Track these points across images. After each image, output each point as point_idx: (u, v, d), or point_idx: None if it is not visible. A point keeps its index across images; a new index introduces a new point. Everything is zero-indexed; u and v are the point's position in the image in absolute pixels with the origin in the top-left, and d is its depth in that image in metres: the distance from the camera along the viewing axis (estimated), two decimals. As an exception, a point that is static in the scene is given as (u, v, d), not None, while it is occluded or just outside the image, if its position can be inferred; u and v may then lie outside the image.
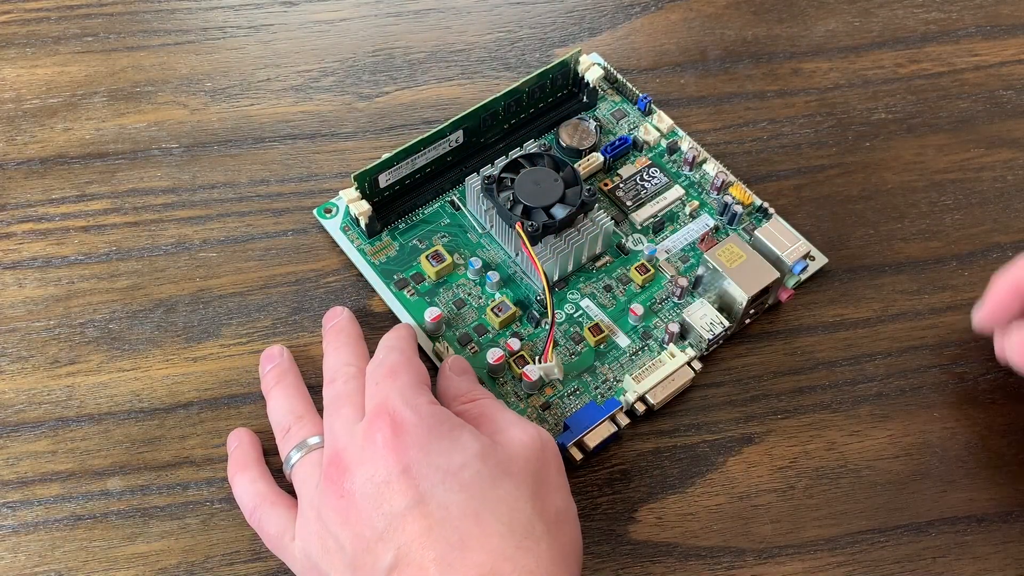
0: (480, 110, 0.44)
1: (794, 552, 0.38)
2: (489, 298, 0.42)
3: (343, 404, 0.35)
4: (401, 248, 0.44)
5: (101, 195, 0.45)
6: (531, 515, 0.31)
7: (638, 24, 0.53)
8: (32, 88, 0.49)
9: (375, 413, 0.33)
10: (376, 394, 0.34)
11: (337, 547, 0.32)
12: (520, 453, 0.33)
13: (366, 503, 0.31)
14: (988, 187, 0.47)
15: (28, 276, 0.43)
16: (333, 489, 0.32)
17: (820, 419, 0.41)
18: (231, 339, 0.42)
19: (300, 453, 0.35)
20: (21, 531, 0.37)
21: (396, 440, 0.32)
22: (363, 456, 0.32)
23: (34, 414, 0.39)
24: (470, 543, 0.30)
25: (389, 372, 0.35)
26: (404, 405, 0.33)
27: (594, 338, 0.41)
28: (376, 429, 0.33)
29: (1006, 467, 0.40)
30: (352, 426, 0.34)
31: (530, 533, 0.31)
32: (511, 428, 0.34)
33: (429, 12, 0.53)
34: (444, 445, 0.32)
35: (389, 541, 0.30)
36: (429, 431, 0.32)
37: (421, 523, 0.30)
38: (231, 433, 0.38)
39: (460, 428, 0.33)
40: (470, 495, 0.31)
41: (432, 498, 0.31)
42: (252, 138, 0.48)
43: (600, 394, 0.40)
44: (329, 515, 0.32)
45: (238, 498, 0.37)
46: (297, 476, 0.35)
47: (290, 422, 0.37)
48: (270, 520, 0.35)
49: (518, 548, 0.30)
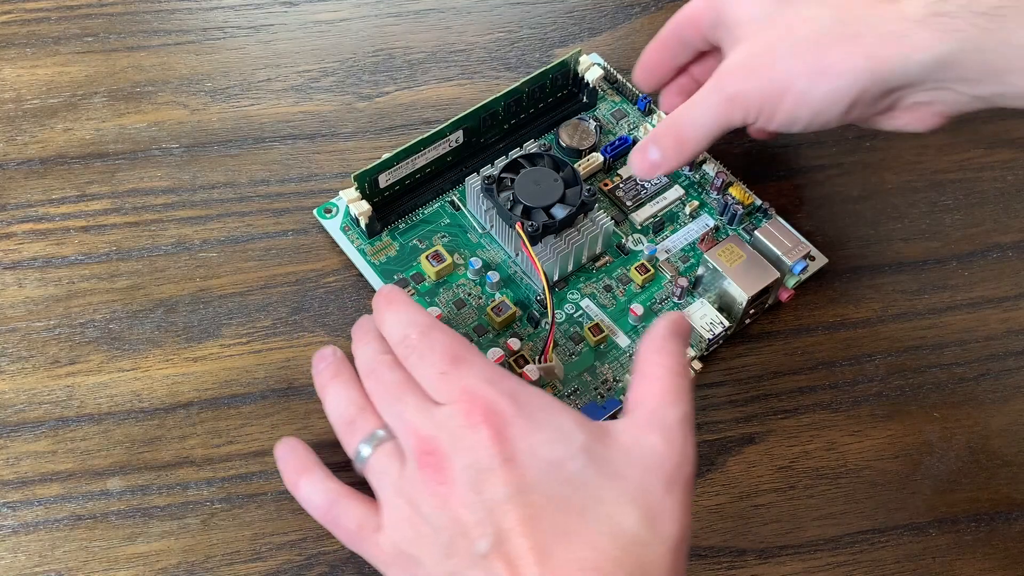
0: (480, 110, 0.44)
1: (794, 552, 0.38)
2: (489, 298, 0.42)
3: (402, 392, 0.34)
4: (401, 248, 0.44)
5: (101, 195, 0.45)
6: (638, 523, 0.30)
7: (638, 24, 0.53)
8: (32, 88, 0.49)
9: (465, 401, 0.32)
10: (451, 383, 0.33)
11: (432, 532, 0.31)
12: (638, 460, 0.31)
13: (466, 489, 0.30)
14: (988, 187, 0.47)
15: (28, 276, 0.43)
16: (431, 475, 0.31)
17: (820, 419, 0.41)
18: (231, 339, 0.42)
19: (371, 445, 0.34)
20: (21, 531, 0.37)
21: (495, 427, 0.31)
22: (459, 444, 0.31)
23: (34, 414, 0.40)
24: (573, 537, 0.29)
25: (451, 358, 0.34)
26: (494, 390, 0.32)
27: (594, 338, 0.41)
28: (471, 417, 0.31)
29: (1006, 467, 0.40)
30: (429, 413, 0.33)
31: (637, 540, 0.29)
32: (643, 432, 0.32)
33: (429, 12, 0.53)
34: (547, 435, 0.31)
35: (488, 526, 0.30)
36: (530, 418, 0.31)
37: (523, 511, 0.30)
38: (278, 443, 0.37)
39: (560, 413, 0.32)
40: (575, 489, 0.30)
41: (536, 488, 0.30)
42: (252, 138, 0.48)
43: (600, 394, 0.40)
44: (425, 500, 0.31)
45: (307, 500, 0.35)
46: (373, 468, 0.34)
47: (353, 413, 0.35)
48: (349, 514, 0.34)
49: (624, 551, 0.29)
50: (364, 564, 0.36)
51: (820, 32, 0.36)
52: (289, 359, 0.41)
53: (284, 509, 0.38)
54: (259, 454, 0.39)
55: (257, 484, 0.38)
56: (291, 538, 0.37)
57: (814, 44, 0.36)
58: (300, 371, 0.41)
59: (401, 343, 0.35)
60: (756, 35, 0.38)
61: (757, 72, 0.37)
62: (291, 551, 0.37)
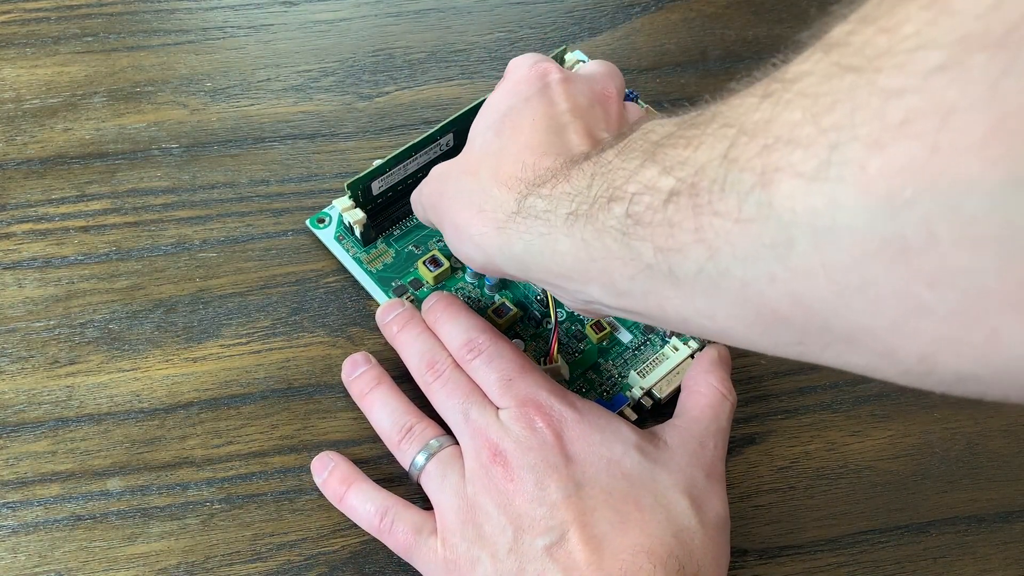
0: (469, 112, 0.43)
1: (794, 552, 0.38)
2: (489, 301, 0.42)
3: (469, 392, 0.36)
4: (397, 254, 0.44)
5: (101, 195, 0.45)
6: (688, 510, 0.33)
7: (638, 24, 0.53)
8: (32, 88, 0.49)
9: (529, 406, 0.35)
10: (515, 389, 0.36)
11: (497, 530, 0.33)
12: (682, 456, 0.35)
13: (531, 487, 0.33)
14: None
15: (28, 276, 0.43)
16: (500, 473, 0.34)
17: (821, 419, 0.41)
18: (231, 339, 0.42)
19: (426, 454, 0.36)
20: (21, 531, 0.37)
21: (556, 429, 0.34)
22: (524, 444, 0.34)
23: (34, 414, 0.39)
24: (629, 526, 0.32)
25: (518, 367, 0.37)
26: (554, 397, 0.35)
27: (596, 335, 0.41)
28: (535, 420, 0.35)
29: (1006, 467, 0.40)
30: (493, 416, 0.35)
31: (687, 527, 0.33)
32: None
33: (429, 12, 0.53)
34: (604, 436, 0.34)
35: (551, 519, 0.32)
36: (587, 421, 0.35)
37: (584, 504, 0.32)
38: (317, 459, 0.38)
39: (613, 418, 0.36)
40: (631, 483, 0.33)
41: (595, 483, 0.33)
42: (252, 138, 0.48)
43: (605, 391, 0.40)
44: (491, 499, 0.33)
45: (358, 511, 0.36)
46: (431, 475, 0.36)
47: (411, 422, 0.37)
48: (404, 521, 0.35)
49: (675, 537, 0.32)
50: (364, 564, 0.36)
51: (467, 193, 0.34)
52: (289, 359, 0.41)
53: (284, 509, 0.38)
54: (259, 454, 0.39)
55: (257, 484, 0.38)
56: (291, 538, 0.37)
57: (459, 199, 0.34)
58: (300, 371, 0.41)
59: (465, 347, 0.37)
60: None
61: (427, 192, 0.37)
62: (291, 551, 0.37)
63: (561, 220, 0.28)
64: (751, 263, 0.21)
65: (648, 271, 0.25)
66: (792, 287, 0.21)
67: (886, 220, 0.18)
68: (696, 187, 0.23)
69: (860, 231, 0.18)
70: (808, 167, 0.19)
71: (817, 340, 0.22)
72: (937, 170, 0.17)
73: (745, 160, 0.21)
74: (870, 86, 0.18)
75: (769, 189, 0.20)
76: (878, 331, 0.19)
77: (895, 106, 0.18)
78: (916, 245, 0.17)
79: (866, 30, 0.19)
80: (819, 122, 0.19)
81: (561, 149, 0.32)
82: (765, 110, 0.21)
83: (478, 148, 0.35)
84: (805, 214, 0.19)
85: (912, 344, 0.19)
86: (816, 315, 0.21)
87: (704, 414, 0.37)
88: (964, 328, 0.18)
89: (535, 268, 0.31)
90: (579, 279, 0.29)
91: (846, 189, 0.18)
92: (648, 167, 0.25)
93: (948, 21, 0.17)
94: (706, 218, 0.22)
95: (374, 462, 0.39)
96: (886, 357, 0.20)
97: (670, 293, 0.25)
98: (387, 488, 0.37)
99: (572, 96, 0.35)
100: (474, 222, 0.32)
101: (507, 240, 0.31)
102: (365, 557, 0.37)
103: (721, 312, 0.23)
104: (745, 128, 0.21)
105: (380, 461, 0.39)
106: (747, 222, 0.21)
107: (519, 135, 0.33)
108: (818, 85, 0.20)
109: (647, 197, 0.25)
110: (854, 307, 0.19)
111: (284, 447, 0.39)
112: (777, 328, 0.22)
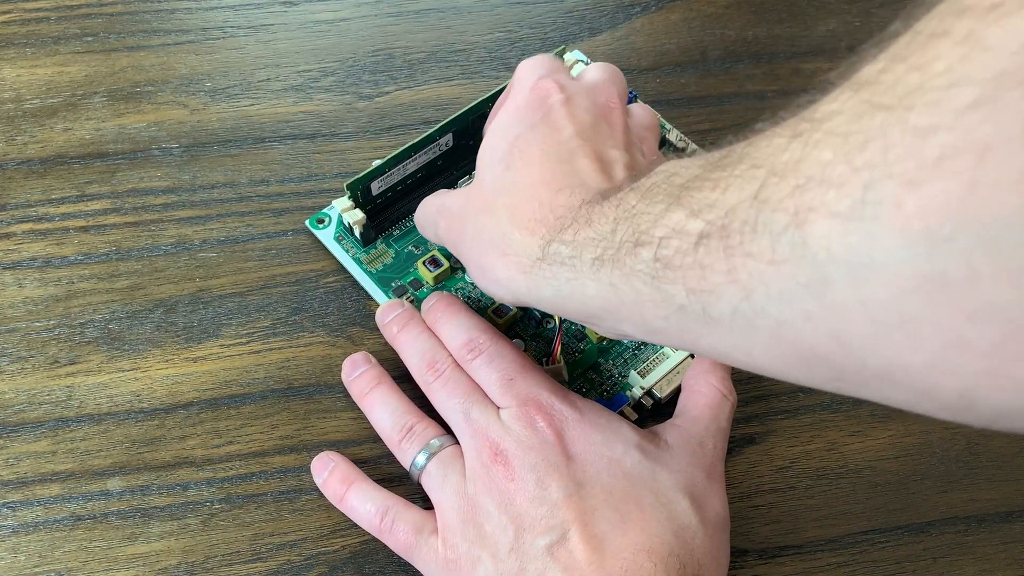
0: (468, 112, 0.44)
1: (794, 552, 0.38)
2: (489, 301, 0.42)
3: (469, 391, 0.36)
4: (397, 255, 0.44)
5: (101, 195, 0.45)
6: (688, 509, 0.33)
7: (638, 24, 0.53)
8: (32, 88, 0.49)
9: (530, 405, 0.35)
10: (516, 388, 0.36)
11: (498, 529, 0.33)
12: (682, 455, 0.35)
13: (532, 486, 0.33)
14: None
15: (28, 276, 0.43)
16: (501, 472, 0.34)
17: (821, 419, 0.41)
18: (231, 339, 0.42)
19: (427, 454, 0.36)
20: (21, 531, 0.37)
21: (557, 429, 0.34)
22: (525, 444, 0.34)
23: (34, 414, 0.39)
24: (630, 525, 0.32)
25: (519, 367, 0.36)
26: (555, 397, 0.35)
27: (597, 335, 0.41)
28: (536, 420, 0.35)
29: (1006, 467, 0.40)
30: (494, 415, 0.35)
31: (687, 526, 0.33)
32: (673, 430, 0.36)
33: (429, 12, 0.53)
34: (605, 435, 0.34)
35: (552, 519, 0.32)
36: (588, 421, 0.35)
37: (585, 503, 0.33)
38: (317, 459, 0.38)
39: (614, 417, 0.36)
40: (631, 482, 0.33)
41: (596, 482, 0.33)
42: (252, 138, 0.48)
43: (606, 390, 0.40)
44: (492, 498, 0.33)
45: (358, 511, 0.36)
46: (432, 475, 0.36)
47: (412, 422, 0.37)
48: (405, 521, 0.35)
49: (676, 536, 0.32)
50: (364, 564, 0.36)
51: (487, 235, 0.34)
52: (289, 359, 0.41)
53: (284, 509, 0.38)
54: (259, 454, 0.39)
55: (257, 484, 0.38)
56: (291, 538, 0.37)
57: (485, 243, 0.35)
58: (300, 371, 0.41)
59: (466, 346, 0.37)
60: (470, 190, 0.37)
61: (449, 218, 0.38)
62: (291, 551, 0.37)
63: (587, 266, 0.29)
64: (787, 302, 0.21)
65: (681, 311, 0.25)
66: (829, 325, 0.21)
67: (925, 256, 0.18)
68: (727, 229, 0.23)
69: (898, 268, 0.18)
70: (843, 206, 0.19)
71: (855, 377, 0.22)
72: (977, 207, 0.17)
73: (776, 201, 0.21)
74: (902, 124, 0.18)
75: (803, 229, 0.20)
76: (917, 367, 0.20)
77: (929, 144, 0.18)
78: (956, 280, 0.18)
79: (897, 68, 0.19)
80: (851, 161, 0.19)
81: (573, 180, 0.33)
82: (795, 150, 0.21)
83: (489, 184, 0.35)
84: (842, 252, 0.19)
85: (951, 380, 0.19)
86: (854, 352, 0.21)
87: (704, 414, 0.37)
88: (1004, 362, 0.18)
89: (565, 309, 0.32)
90: (611, 319, 0.30)
91: (883, 227, 0.18)
92: (674, 211, 0.25)
93: (982, 57, 0.17)
94: (739, 259, 0.22)
95: (374, 462, 0.39)
96: (925, 393, 0.20)
97: (705, 331, 0.25)
98: (387, 488, 0.37)
99: (576, 118, 0.35)
100: (499, 265, 0.33)
101: (535, 284, 0.32)
102: (365, 557, 0.37)
103: (758, 349, 0.24)
104: (775, 169, 0.22)
105: (380, 461, 0.39)
106: (781, 262, 0.21)
107: (530, 169, 0.34)
108: (848, 124, 0.20)
109: (675, 241, 0.25)
110: (893, 343, 0.20)
111: (284, 447, 0.39)
112: (815, 365, 0.22)
